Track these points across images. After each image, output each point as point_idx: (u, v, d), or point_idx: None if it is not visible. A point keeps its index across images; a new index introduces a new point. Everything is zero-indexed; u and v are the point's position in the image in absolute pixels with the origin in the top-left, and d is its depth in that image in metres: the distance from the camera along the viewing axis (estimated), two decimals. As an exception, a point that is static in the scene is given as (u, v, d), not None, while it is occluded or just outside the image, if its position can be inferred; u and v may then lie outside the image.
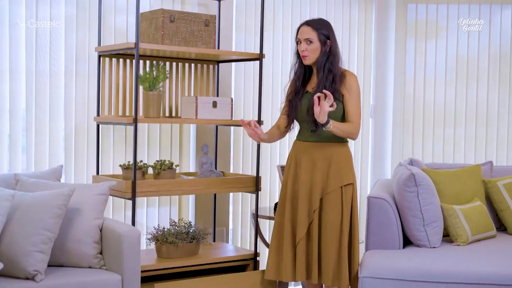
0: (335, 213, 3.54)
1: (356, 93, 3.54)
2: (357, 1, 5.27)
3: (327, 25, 3.56)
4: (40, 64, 3.90)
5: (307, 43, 3.50)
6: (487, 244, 4.10)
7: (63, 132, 4.01)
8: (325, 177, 3.56)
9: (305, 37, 3.50)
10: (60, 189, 3.28)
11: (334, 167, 3.55)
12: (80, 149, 4.07)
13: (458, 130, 5.46)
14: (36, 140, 3.91)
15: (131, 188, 3.67)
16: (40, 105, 3.92)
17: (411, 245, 4.09)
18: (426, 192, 4.02)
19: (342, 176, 3.56)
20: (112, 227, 3.39)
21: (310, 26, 3.51)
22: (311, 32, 3.50)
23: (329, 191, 3.54)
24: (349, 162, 3.62)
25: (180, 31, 3.91)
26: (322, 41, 3.50)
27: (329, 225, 3.53)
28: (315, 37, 3.49)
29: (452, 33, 5.41)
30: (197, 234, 3.98)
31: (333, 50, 3.53)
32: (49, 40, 3.93)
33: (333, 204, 3.54)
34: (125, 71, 4.09)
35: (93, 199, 3.44)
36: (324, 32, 3.51)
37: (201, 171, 4.13)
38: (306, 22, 3.56)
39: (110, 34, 4.12)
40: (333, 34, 3.55)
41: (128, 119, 3.68)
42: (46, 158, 3.95)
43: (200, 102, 3.97)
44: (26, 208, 3.20)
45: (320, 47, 3.50)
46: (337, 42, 3.56)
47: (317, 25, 3.52)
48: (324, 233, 3.55)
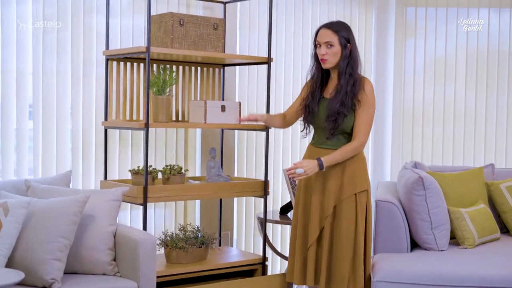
0: (350, 221, 3.48)
1: (370, 104, 3.43)
2: (357, 4, 5.27)
3: (347, 28, 3.44)
4: (47, 65, 3.86)
5: (328, 46, 3.38)
6: (493, 246, 4.13)
7: (70, 135, 3.96)
8: (339, 183, 3.49)
9: (325, 40, 3.38)
10: (75, 196, 3.23)
11: (348, 174, 3.49)
12: (87, 153, 4.02)
13: (457, 132, 5.49)
14: (43, 145, 3.86)
15: (143, 193, 3.63)
16: (47, 108, 3.87)
17: (418, 248, 4.10)
18: (434, 195, 4.03)
19: (356, 182, 3.49)
20: (126, 234, 3.36)
21: (330, 29, 3.39)
22: (332, 35, 3.37)
23: (343, 198, 3.48)
24: (363, 168, 3.55)
25: (189, 34, 3.88)
26: (343, 45, 3.38)
27: (343, 232, 3.48)
28: (336, 40, 3.37)
29: (451, 34, 5.44)
30: (206, 239, 3.96)
31: (353, 54, 3.42)
32: (56, 43, 3.88)
33: (347, 211, 3.48)
34: (133, 74, 4.05)
35: (106, 205, 3.40)
36: (345, 35, 3.40)
37: (209, 175, 4.10)
38: (326, 24, 3.43)
39: (116, 37, 4.07)
40: (353, 38, 3.44)
41: (140, 123, 3.64)
42: (54, 162, 3.90)
43: (209, 106, 3.94)
44: (41, 215, 3.16)
45: (341, 50, 3.39)
46: (356, 46, 3.46)
47: (337, 27, 3.40)
48: (337, 241, 3.49)
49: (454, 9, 5.41)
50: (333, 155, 3.38)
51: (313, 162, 3.33)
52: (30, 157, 3.84)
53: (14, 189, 3.45)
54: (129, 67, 4.03)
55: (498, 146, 5.49)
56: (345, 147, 3.41)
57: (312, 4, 5.03)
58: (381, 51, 5.41)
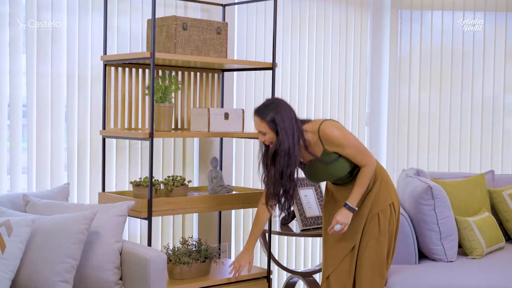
0: (372, 241, 3.38)
1: (345, 139, 3.26)
2: (353, 7, 5.15)
3: (273, 107, 3.22)
4: (41, 67, 3.63)
5: (263, 133, 3.26)
6: (501, 256, 4.06)
7: (65, 145, 3.74)
8: (365, 200, 3.40)
9: (258, 129, 3.27)
10: (82, 212, 3.02)
11: (369, 197, 3.39)
12: (82, 164, 3.80)
13: (453, 138, 5.42)
14: (37, 156, 3.63)
15: (147, 207, 3.44)
16: (41, 119, 3.64)
17: (426, 259, 4.00)
18: (442, 205, 3.94)
19: (378, 203, 3.39)
20: (135, 251, 3.16)
21: (258, 117, 3.24)
22: (261, 123, 3.23)
23: (373, 215, 3.38)
24: (384, 184, 3.42)
25: (193, 39, 3.70)
26: (273, 129, 3.21)
27: (365, 255, 3.39)
28: (265, 127, 3.22)
29: (447, 37, 5.36)
30: (209, 253, 3.78)
31: (287, 127, 3.19)
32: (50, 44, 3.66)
33: (370, 233, 3.38)
34: (131, 80, 3.84)
35: (112, 221, 3.20)
36: (271, 118, 3.20)
37: (211, 186, 3.92)
38: (255, 110, 3.27)
39: (112, 40, 3.86)
40: (279, 112, 3.20)
41: (144, 133, 3.44)
42: (48, 174, 3.67)
43: (212, 114, 3.77)
44: (46, 233, 2.95)
45: (275, 133, 3.22)
46: (286, 114, 3.21)
47: (263, 114, 3.22)
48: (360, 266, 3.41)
49: (449, 12, 5.33)
50: (355, 193, 3.30)
51: (344, 212, 3.28)
52: (23, 162, 3.61)
53: (11, 204, 3.23)
54: (128, 72, 3.82)
55: (494, 150, 5.43)
56: (360, 178, 3.31)
57: (309, 7, 4.88)
58: (376, 54, 5.30)
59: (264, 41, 4.58)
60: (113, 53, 3.83)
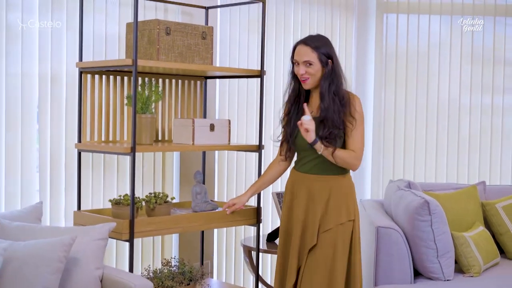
0: (327, 252, 3.07)
1: (362, 120, 3.08)
2: (338, 11, 4.94)
3: (327, 42, 3.05)
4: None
5: (306, 65, 3.00)
6: (498, 273, 3.88)
7: (37, 162, 3.42)
8: (322, 213, 3.09)
9: (303, 59, 3.00)
10: (60, 238, 2.72)
11: (333, 203, 3.09)
12: (55, 180, 3.48)
13: (439, 148, 5.25)
14: (6, 172, 3.31)
15: (129, 228, 3.15)
16: (10, 132, 3.32)
17: (421, 277, 3.79)
18: (439, 220, 3.73)
19: (341, 213, 3.10)
20: (118, 279, 2.86)
21: (308, 46, 3.00)
22: (311, 53, 2.99)
23: (325, 230, 3.07)
24: (349, 196, 3.15)
25: (176, 44, 3.42)
26: (323, 62, 3.00)
27: (321, 262, 3.06)
28: (315, 58, 2.99)
29: (434, 41, 5.19)
30: (193, 275, 3.51)
31: (336, 71, 3.04)
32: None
33: (327, 243, 3.07)
34: (108, 89, 3.54)
35: (91, 245, 2.89)
36: (325, 51, 3.01)
37: (195, 202, 3.65)
38: (303, 41, 3.03)
39: (88, 46, 3.56)
40: (334, 52, 3.06)
41: (126, 148, 3.15)
42: (18, 190, 3.36)
43: (196, 126, 3.50)
44: (21, 262, 2.64)
45: (321, 69, 3.01)
46: (338, 60, 3.08)
47: (316, 43, 3.00)
48: (309, 270, 3.08)
49: (436, 16, 5.15)
50: (327, 147, 2.99)
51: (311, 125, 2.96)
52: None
53: (-21, 227, 2.91)
54: (105, 80, 3.52)
55: (481, 162, 5.27)
56: (340, 150, 3.01)
57: (294, 11, 4.65)
58: (361, 58, 5.10)
59: (248, 46, 4.32)
60: (89, 59, 3.53)
